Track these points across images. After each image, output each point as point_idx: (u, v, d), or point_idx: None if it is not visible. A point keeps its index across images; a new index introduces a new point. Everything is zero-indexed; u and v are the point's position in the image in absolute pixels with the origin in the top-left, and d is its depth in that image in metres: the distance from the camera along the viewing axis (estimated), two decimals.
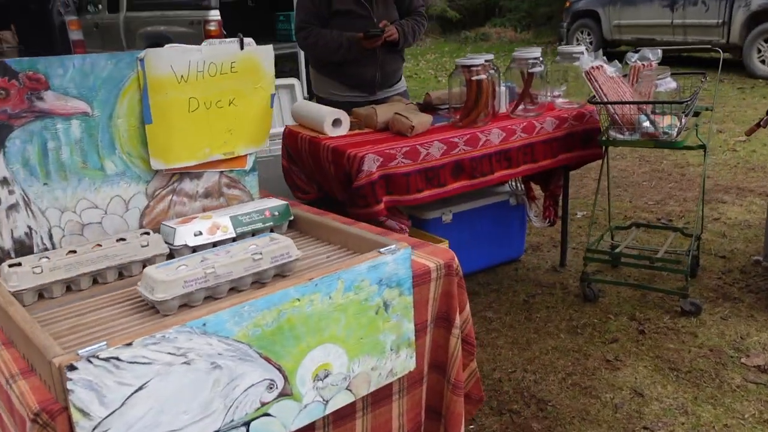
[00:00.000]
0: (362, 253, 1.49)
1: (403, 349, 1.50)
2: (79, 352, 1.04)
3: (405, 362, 1.51)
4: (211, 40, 1.60)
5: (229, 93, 1.67)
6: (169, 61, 1.53)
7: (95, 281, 1.44)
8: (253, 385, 1.25)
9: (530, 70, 2.89)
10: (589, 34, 10.91)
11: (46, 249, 1.50)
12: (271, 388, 1.28)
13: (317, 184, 2.83)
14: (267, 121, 1.79)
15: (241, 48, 1.66)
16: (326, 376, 1.37)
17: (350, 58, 3.20)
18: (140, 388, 1.10)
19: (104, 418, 1.07)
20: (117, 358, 1.06)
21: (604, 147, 2.95)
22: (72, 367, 1.02)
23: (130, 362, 1.08)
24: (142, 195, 1.61)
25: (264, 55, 1.72)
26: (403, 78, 3.53)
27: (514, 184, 3.43)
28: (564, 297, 3.08)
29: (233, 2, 7.91)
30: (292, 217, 1.73)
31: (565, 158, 3.02)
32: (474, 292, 3.19)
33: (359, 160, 2.45)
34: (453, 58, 11.19)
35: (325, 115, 2.72)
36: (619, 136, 2.79)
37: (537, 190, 3.43)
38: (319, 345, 1.34)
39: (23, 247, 1.46)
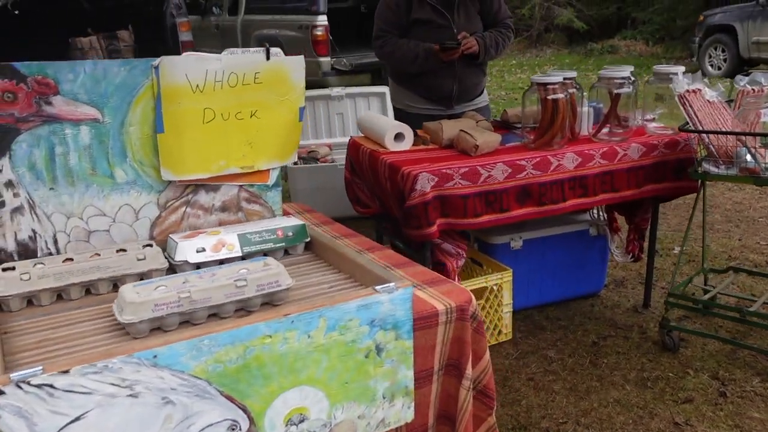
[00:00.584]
0: (367, 286, 1.36)
1: (399, 398, 1.35)
2: (11, 376, 0.98)
3: (401, 412, 1.36)
4: (233, 49, 1.53)
5: (251, 104, 1.60)
6: (185, 69, 1.48)
7: (89, 291, 1.41)
8: (211, 424, 1.15)
9: (617, 91, 2.62)
10: (723, 51, 10.08)
11: (50, 254, 1.48)
12: (233, 429, 1.18)
13: (379, 199, 2.72)
14: (294, 135, 1.70)
15: (267, 58, 1.58)
16: (301, 421, 1.25)
17: (427, 70, 3.07)
18: (77, 419, 1.03)
19: None
20: (51, 386, 1.00)
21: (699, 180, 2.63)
22: (0, 392, 0.97)
23: (66, 391, 1.02)
24: (153, 205, 1.57)
25: (293, 66, 1.64)
26: (485, 92, 3.35)
27: (595, 213, 3.15)
28: (640, 343, 2.78)
29: (346, 8, 8.00)
30: (308, 239, 1.63)
31: (653, 189, 2.72)
32: (540, 326, 2.95)
33: (413, 179, 2.32)
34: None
35: (387, 128, 2.61)
36: (714, 170, 2.47)
37: (621, 221, 3.14)
38: (295, 387, 1.23)
39: (27, 251, 1.46)
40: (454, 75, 3.10)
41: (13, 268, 1.36)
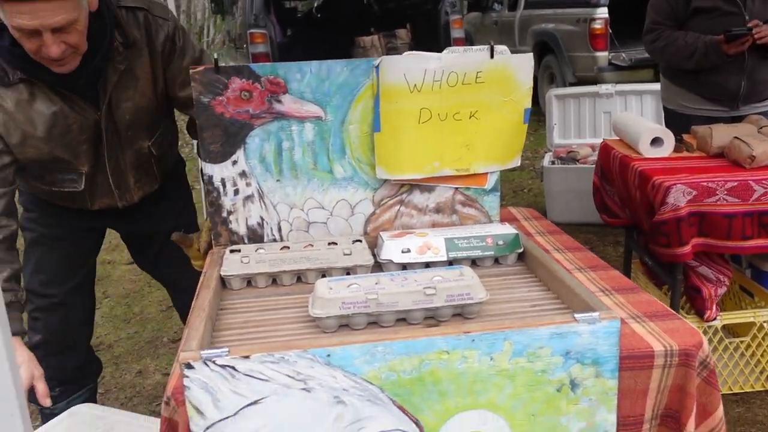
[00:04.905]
0: (575, 311, 1.22)
1: None
2: (201, 353, 1.07)
3: None
4: (453, 48, 1.48)
5: (470, 105, 1.53)
6: (404, 69, 1.47)
7: (300, 279, 1.49)
8: (382, 431, 1.13)
9: None
10: None
11: (275, 240, 1.60)
12: None
13: (629, 209, 2.46)
14: (518, 138, 1.60)
15: (491, 56, 1.50)
16: None
17: (707, 66, 2.68)
18: (255, 402, 1.09)
19: (217, 421, 1.09)
20: (234, 368, 1.07)
21: None
22: (189, 366, 1.06)
23: (246, 375, 1.07)
24: (368, 202, 1.60)
25: (520, 64, 1.53)
26: None
27: None
28: None
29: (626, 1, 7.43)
30: (521, 249, 1.52)
31: None
32: None
33: (665, 191, 2.04)
34: None
35: (643, 131, 2.34)
36: None
37: None
38: (473, 409, 1.15)
39: (255, 235, 1.59)
40: (743, 69, 2.65)
41: (239, 251, 1.49)
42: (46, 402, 1.58)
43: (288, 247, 1.50)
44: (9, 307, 1.57)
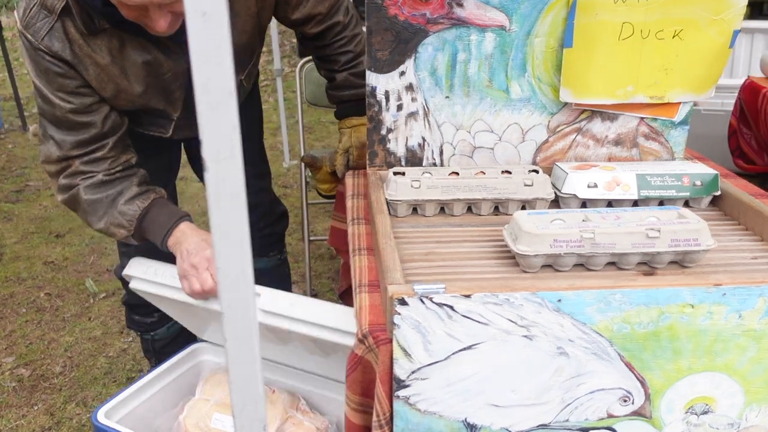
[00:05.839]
0: None
1: None
2: (415, 287, 0.93)
3: None
4: None
5: (676, 22, 1.32)
6: None
7: (469, 209, 1.33)
8: (602, 389, 1.00)
9: None
10: None
11: (434, 164, 1.44)
12: (625, 400, 1.00)
13: None
14: (719, 64, 1.39)
15: None
16: (705, 412, 1.02)
17: None
18: (469, 347, 0.95)
19: (425, 366, 0.96)
20: (451, 307, 0.93)
21: None
22: (403, 302, 0.92)
23: (464, 316, 0.93)
24: (542, 127, 1.42)
25: None
26: None
27: None
28: None
29: None
30: (718, 192, 1.34)
31: None
32: None
33: None
34: None
35: None
36: None
37: None
38: (706, 371, 1.00)
39: (414, 157, 1.43)
40: None
41: (403, 174, 1.33)
42: None
43: (457, 173, 1.34)
44: (157, 204, 1.47)
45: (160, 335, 1.91)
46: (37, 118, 1.58)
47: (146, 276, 1.53)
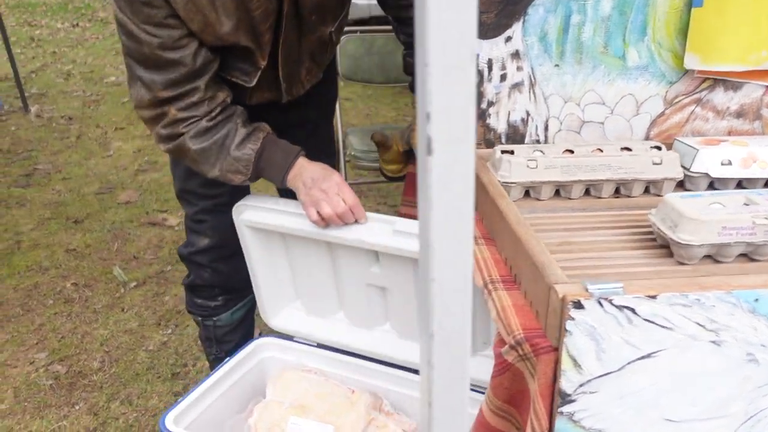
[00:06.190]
0: None
1: None
2: (589, 287, 0.79)
3: None
4: None
5: None
6: None
7: (587, 192, 1.19)
8: None
9: None
10: None
11: (538, 141, 1.30)
12: None
13: None
14: None
15: None
16: None
17: None
18: (647, 356, 0.82)
19: (595, 377, 0.82)
20: (632, 310, 0.79)
21: None
22: (578, 305, 0.78)
23: (647, 320, 0.80)
24: (659, 99, 1.28)
25: None
26: None
27: None
28: None
29: None
30: None
31: None
32: None
33: None
34: None
35: None
36: None
37: None
38: None
39: (516, 134, 1.29)
40: None
41: (512, 152, 1.19)
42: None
43: (571, 151, 1.19)
44: (268, 143, 1.38)
45: (224, 321, 1.77)
46: (38, 98, 1.43)
47: (267, 204, 1.44)
